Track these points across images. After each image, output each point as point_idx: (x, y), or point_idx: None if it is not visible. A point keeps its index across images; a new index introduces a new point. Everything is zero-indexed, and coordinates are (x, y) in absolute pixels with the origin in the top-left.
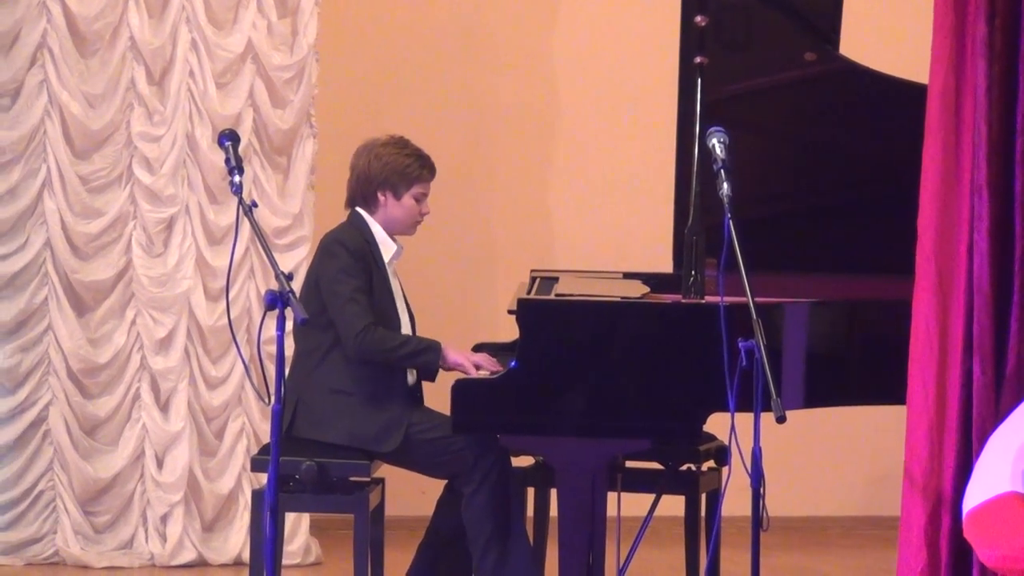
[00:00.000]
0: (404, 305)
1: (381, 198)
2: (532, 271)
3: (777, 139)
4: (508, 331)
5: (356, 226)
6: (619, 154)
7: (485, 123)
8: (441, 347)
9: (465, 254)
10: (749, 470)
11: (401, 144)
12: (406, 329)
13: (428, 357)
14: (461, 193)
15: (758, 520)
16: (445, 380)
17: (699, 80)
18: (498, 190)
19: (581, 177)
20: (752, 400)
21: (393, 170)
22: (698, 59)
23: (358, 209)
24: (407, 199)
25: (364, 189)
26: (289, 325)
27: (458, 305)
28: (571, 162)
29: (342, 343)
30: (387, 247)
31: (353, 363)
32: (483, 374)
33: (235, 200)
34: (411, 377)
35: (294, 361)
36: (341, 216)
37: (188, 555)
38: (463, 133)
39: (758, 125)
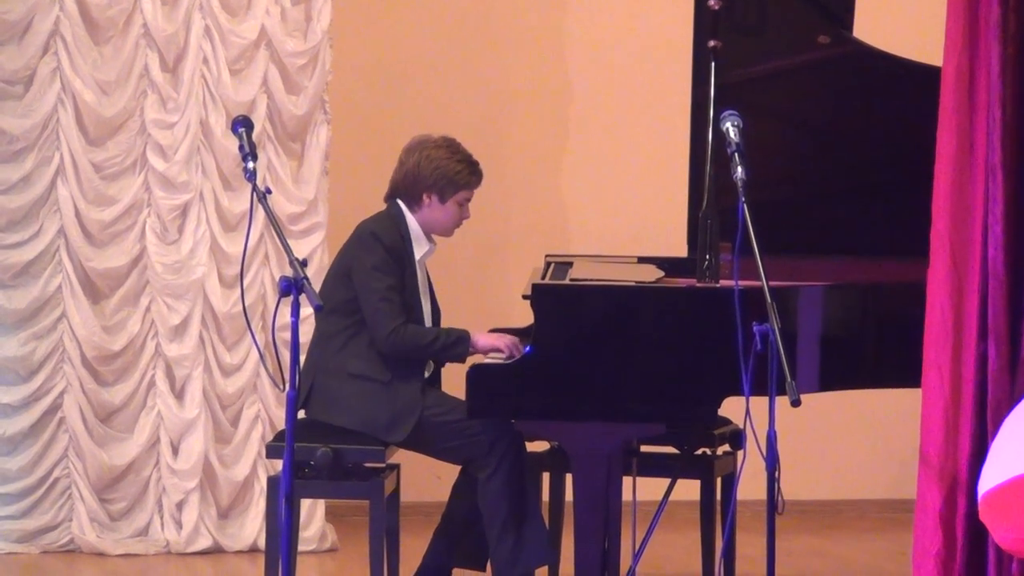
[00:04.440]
0: (429, 301)
1: (426, 199)
2: (546, 256)
3: (791, 122)
4: (522, 316)
5: (394, 220)
6: (633, 138)
7: (499, 107)
8: (469, 336)
9: (478, 239)
10: (764, 454)
11: (453, 148)
12: (430, 325)
13: (459, 349)
14: None
15: (773, 504)
16: (460, 364)
17: (713, 64)
18: (512, 174)
19: (595, 161)
20: (767, 384)
21: (443, 174)
22: (712, 43)
23: (398, 201)
24: (451, 204)
25: (410, 187)
26: (304, 311)
27: (472, 291)
28: (585, 146)
29: (372, 337)
30: (420, 244)
31: (375, 350)
32: (503, 357)
33: (249, 187)
34: (427, 371)
35: (314, 341)
36: (356, 202)
37: (204, 542)
38: (477, 117)
39: (772, 108)
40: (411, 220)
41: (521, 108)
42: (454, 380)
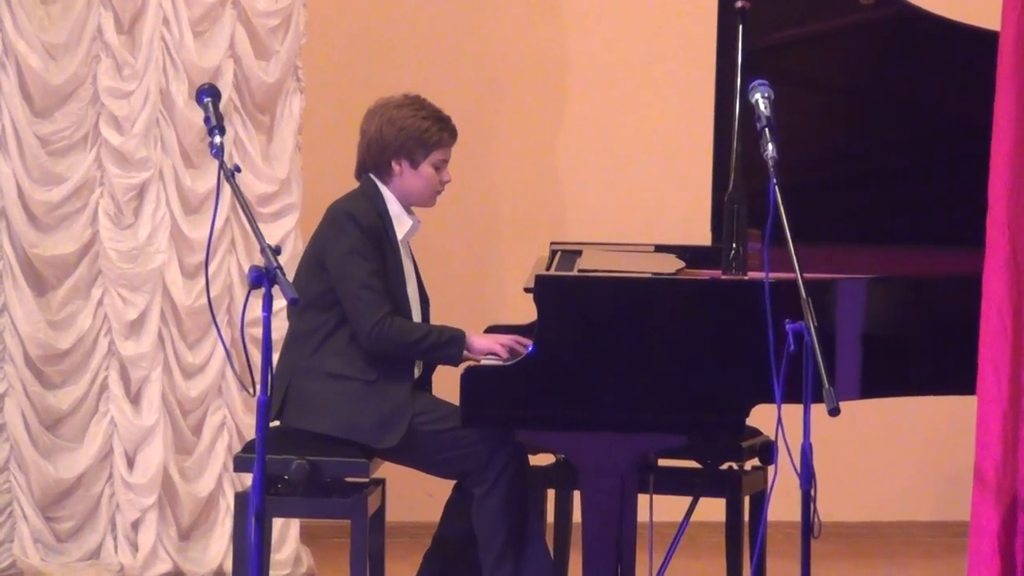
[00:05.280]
0: (416, 287)
1: (396, 167)
2: (552, 243)
3: (829, 94)
4: (519, 312)
5: (368, 197)
6: (648, 111)
7: (491, 76)
8: (465, 336)
9: (471, 226)
10: (798, 469)
11: (417, 105)
12: (417, 315)
13: (451, 350)
14: (464, 156)
15: (809, 526)
16: (454, 369)
17: (740, 26)
18: (506, 152)
19: (603, 138)
20: (801, 390)
21: (409, 135)
22: (739, 3)
23: (371, 176)
24: (425, 167)
25: (376, 157)
26: (277, 305)
27: (463, 283)
28: (591, 120)
29: (354, 332)
30: (402, 222)
31: (357, 347)
32: (504, 358)
33: (215, 164)
34: (416, 370)
35: (287, 342)
36: (333, 181)
37: (163, 566)
38: (466, 88)
39: (807, 78)
40: (387, 195)
41: (516, 76)
42: (446, 383)
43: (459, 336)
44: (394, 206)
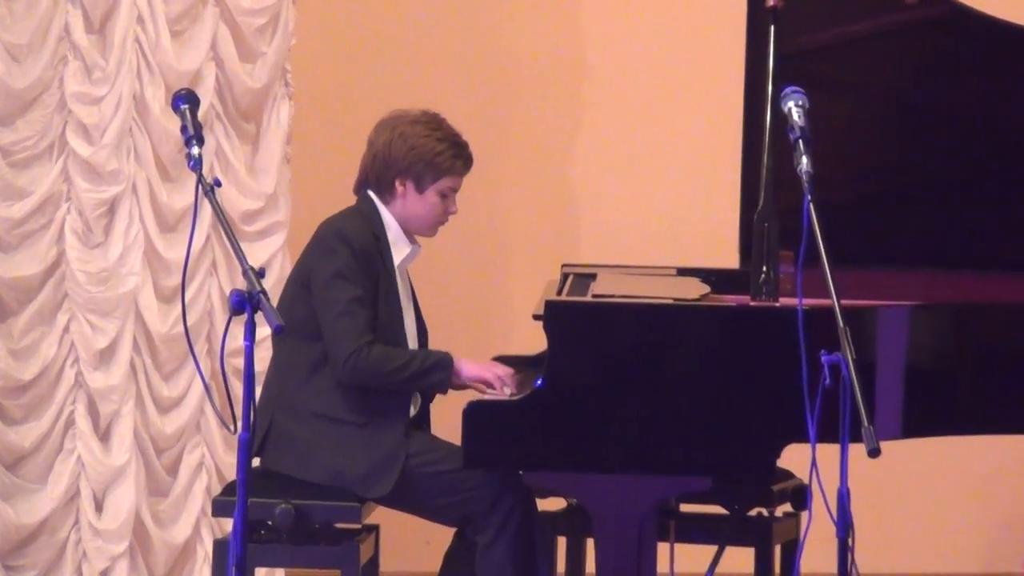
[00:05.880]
0: (413, 318)
1: (399, 187)
2: (564, 266)
3: (869, 102)
4: (530, 340)
5: (365, 216)
6: (671, 121)
7: (500, 81)
8: (452, 361)
9: (474, 245)
10: (834, 516)
11: (434, 124)
12: (414, 347)
13: (436, 377)
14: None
15: None
16: (457, 399)
17: (772, 28)
18: (514, 164)
19: (621, 149)
20: (838, 428)
21: (419, 156)
22: (771, 2)
23: (370, 194)
24: (431, 194)
25: (380, 174)
26: (260, 334)
27: (466, 309)
28: (608, 130)
29: (329, 362)
30: (399, 248)
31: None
32: (503, 393)
33: (193, 177)
34: (413, 408)
35: (270, 373)
36: (324, 197)
37: None
38: (472, 94)
39: (845, 84)
40: (386, 217)
41: (526, 82)
42: (447, 419)
43: (445, 360)
44: (393, 228)
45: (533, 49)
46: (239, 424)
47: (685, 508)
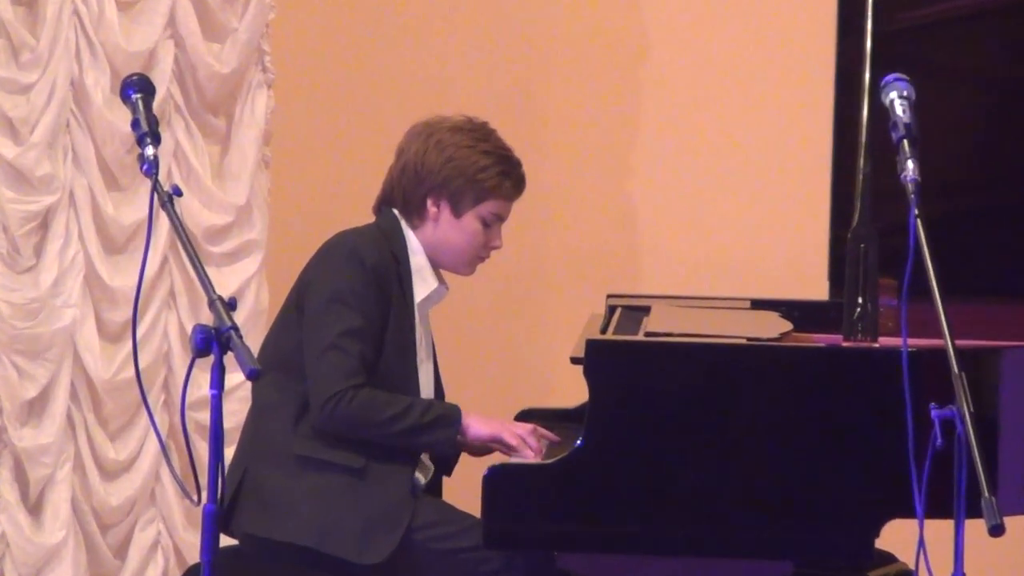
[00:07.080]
0: (432, 366)
1: (431, 208)
2: (609, 296)
3: (989, 94)
4: (570, 391)
5: (386, 235)
6: (745, 119)
7: (534, 72)
8: (460, 416)
9: (506, 272)
10: None
11: (480, 134)
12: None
13: (438, 434)
14: None
15: None
16: (475, 463)
17: (870, 4)
18: (554, 174)
19: (684, 155)
20: (951, 500)
21: (458, 170)
22: None
23: (394, 212)
24: (470, 219)
25: (410, 189)
26: (231, 381)
27: (492, 350)
28: (669, 132)
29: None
30: (424, 280)
31: None
32: (529, 456)
33: (147, 185)
34: (421, 476)
35: (249, 417)
36: (310, 209)
37: None
38: (498, 88)
39: (959, 72)
40: (412, 242)
41: (567, 69)
42: (464, 485)
43: (451, 414)
44: (418, 257)
45: (576, 27)
46: (204, 494)
47: None
